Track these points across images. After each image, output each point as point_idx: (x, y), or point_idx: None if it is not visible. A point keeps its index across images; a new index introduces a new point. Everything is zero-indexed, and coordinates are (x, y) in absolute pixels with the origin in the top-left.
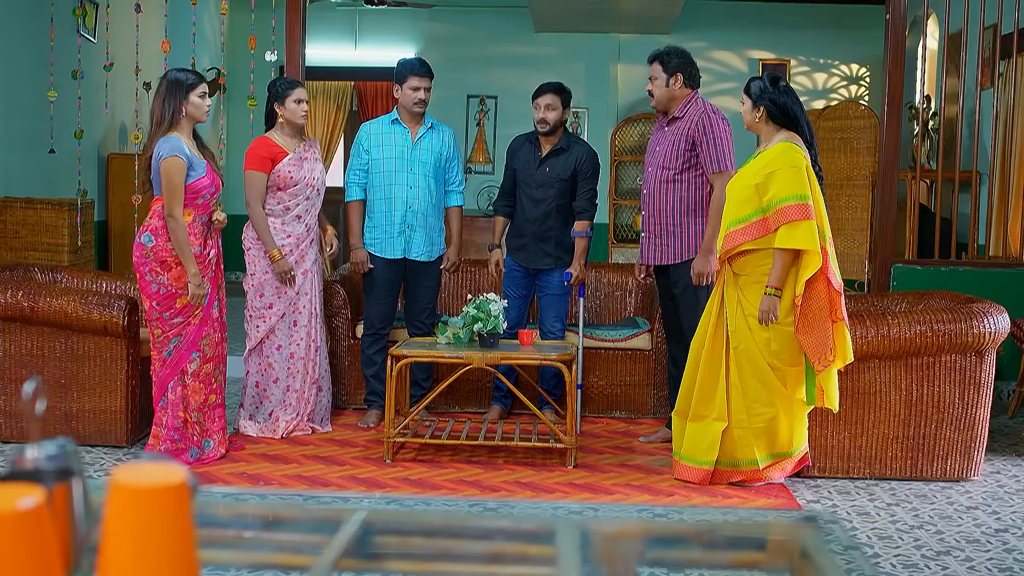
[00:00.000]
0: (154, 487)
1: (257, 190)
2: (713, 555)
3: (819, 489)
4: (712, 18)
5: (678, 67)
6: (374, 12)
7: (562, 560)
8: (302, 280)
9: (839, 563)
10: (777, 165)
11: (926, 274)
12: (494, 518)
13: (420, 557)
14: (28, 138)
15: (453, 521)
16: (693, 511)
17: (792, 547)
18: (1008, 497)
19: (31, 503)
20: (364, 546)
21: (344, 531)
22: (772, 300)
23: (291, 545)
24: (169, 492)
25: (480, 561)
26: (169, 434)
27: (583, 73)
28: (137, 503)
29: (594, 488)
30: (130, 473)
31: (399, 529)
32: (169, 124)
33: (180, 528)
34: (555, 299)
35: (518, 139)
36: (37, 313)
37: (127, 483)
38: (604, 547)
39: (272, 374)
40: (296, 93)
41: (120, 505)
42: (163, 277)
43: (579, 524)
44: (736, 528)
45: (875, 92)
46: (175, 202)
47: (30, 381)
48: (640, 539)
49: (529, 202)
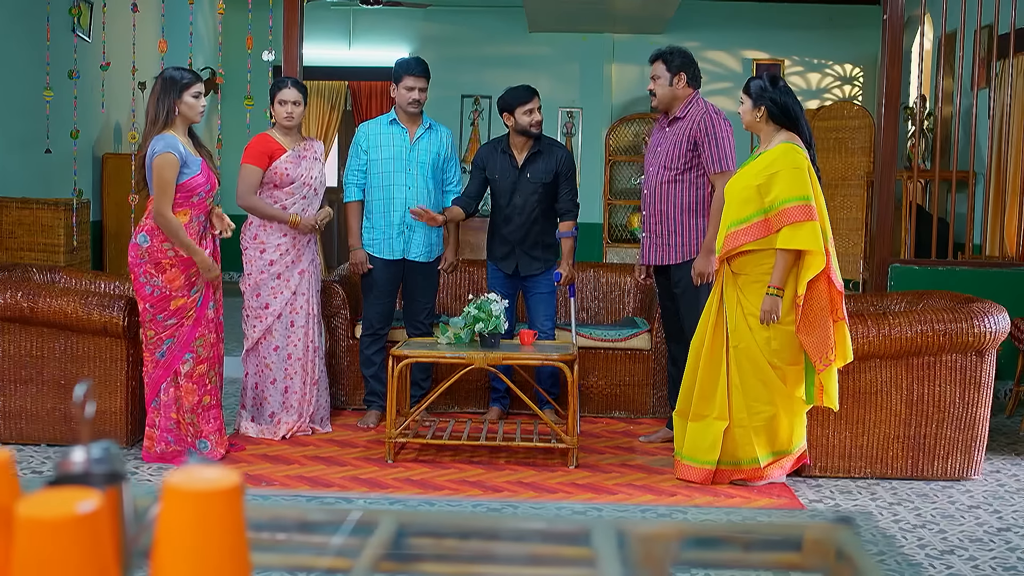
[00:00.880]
0: (210, 490)
1: (250, 184)
2: (749, 556)
3: (821, 488)
4: (706, 18)
5: (681, 66)
6: (368, 12)
7: (601, 561)
8: (299, 280)
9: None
10: (779, 166)
11: (923, 274)
12: (528, 519)
13: (457, 559)
14: (24, 138)
15: (487, 523)
16: (697, 511)
17: (828, 548)
18: (1009, 496)
19: (90, 507)
20: (400, 548)
21: (379, 534)
22: (774, 300)
23: (328, 548)
24: (224, 495)
25: (517, 563)
26: (163, 435)
27: (577, 73)
28: (193, 507)
29: (597, 488)
30: (183, 477)
31: (434, 531)
32: (164, 123)
33: (235, 531)
34: (544, 298)
35: (485, 149)
36: (36, 314)
37: (182, 486)
38: (640, 548)
39: (269, 375)
40: (281, 95)
41: (175, 509)
42: (157, 279)
43: (615, 525)
44: (771, 529)
45: (868, 92)
46: (164, 199)
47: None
48: (676, 540)
49: (512, 210)
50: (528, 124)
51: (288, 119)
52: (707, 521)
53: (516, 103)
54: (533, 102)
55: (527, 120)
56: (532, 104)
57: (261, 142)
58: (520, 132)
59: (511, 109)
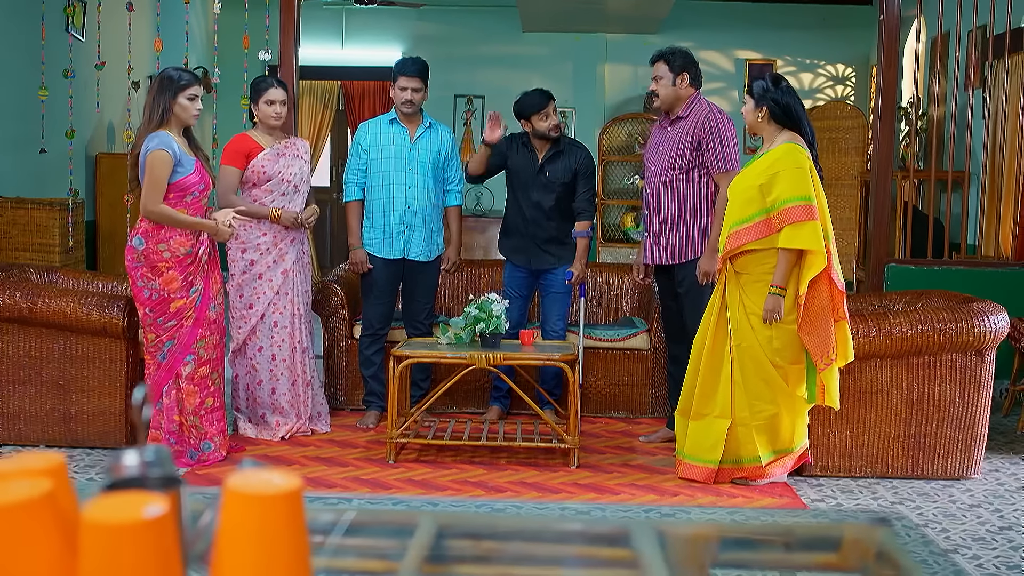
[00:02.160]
0: (273, 493)
1: (229, 184)
2: (788, 557)
3: (822, 488)
4: (699, 18)
5: (683, 66)
6: (361, 11)
7: (645, 562)
8: (282, 280)
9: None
10: (781, 166)
11: (919, 274)
12: (566, 521)
13: (497, 561)
14: (18, 138)
15: (525, 524)
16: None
17: (867, 548)
18: (1009, 495)
19: (157, 512)
20: (441, 550)
21: (420, 536)
22: (776, 299)
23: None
24: (287, 498)
25: (557, 564)
26: (166, 438)
27: (570, 73)
28: (257, 511)
29: (599, 488)
30: (244, 480)
31: (473, 533)
32: (159, 122)
33: (298, 535)
34: (559, 297)
35: (510, 138)
36: (36, 314)
37: (245, 490)
38: (680, 549)
39: (256, 376)
40: (268, 94)
41: (238, 513)
42: (154, 282)
43: (654, 526)
44: (809, 529)
45: (860, 92)
46: (152, 195)
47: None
48: (715, 541)
49: (528, 205)
50: (546, 129)
51: (277, 118)
52: (746, 522)
53: (530, 111)
54: (548, 107)
55: (544, 125)
56: (547, 109)
57: (238, 142)
58: (539, 137)
59: (527, 116)
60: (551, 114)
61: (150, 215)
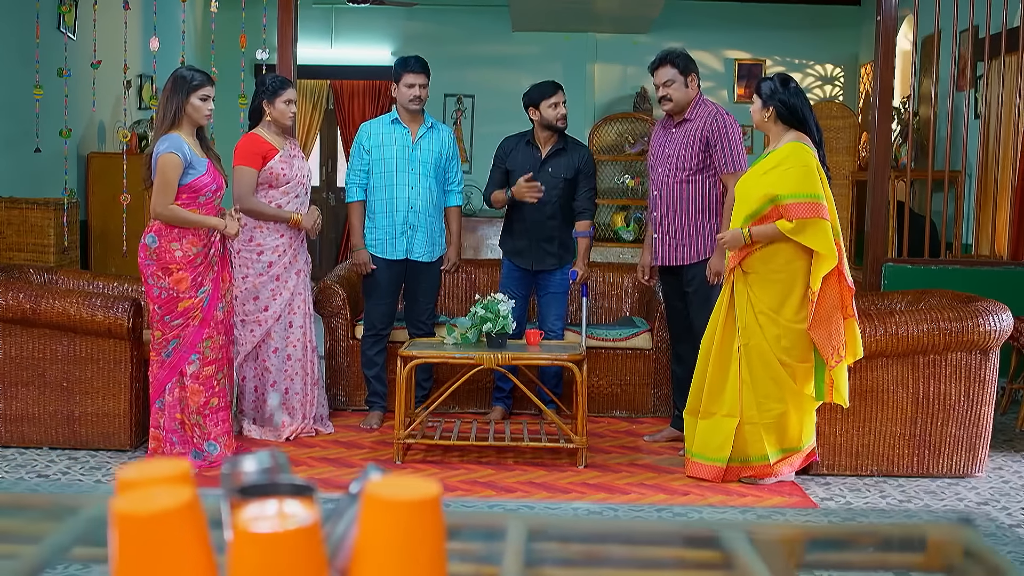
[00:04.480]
0: (416, 499)
1: (248, 186)
2: (874, 557)
3: (830, 486)
4: (689, 18)
5: (689, 67)
6: (350, 11)
7: (742, 564)
8: (296, 281)
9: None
10: (788, 164)
11: (916, 273)
12: (653, 523)
13: (588, 564)
14: (12, 137)
15: (612, 527)
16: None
17: (954, 548)
18: (1015, 492)
19: (308, 519)
20: (534, 554)
21: (511, 539)
22: (737, 236)
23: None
24: (428, 504)
25: (655, 567)
26: (168, 436)
27: (560, 72)
28: (401, 517)
29: (609, 488)
30: (383, 486)
31: (562, 536)
32: (171, 123)
33: (438, 541)
34: (556, 297)
35: (511, 140)
36: (39, 315)
37: (387, 497)
38: (768, 550)
39: (269, 378)
40: (287, 94)
41: (379, 519)
42: (164, 281)
43: (741, 527)
44: (893, 530)
45: (849, 92)
46: (161, 197)
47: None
48: (802, 542)
49: (530, 205)
50: (554, 118)
51: (292, 119)
52: (831, 523)
53: (541, 97)
54: (558, 95)
55: (552, 113)
56: (557, 98)
57: (252, 142)
58: (546, 126)
59: (536, 103)
60: (560, 103)
61: (160, 217)
